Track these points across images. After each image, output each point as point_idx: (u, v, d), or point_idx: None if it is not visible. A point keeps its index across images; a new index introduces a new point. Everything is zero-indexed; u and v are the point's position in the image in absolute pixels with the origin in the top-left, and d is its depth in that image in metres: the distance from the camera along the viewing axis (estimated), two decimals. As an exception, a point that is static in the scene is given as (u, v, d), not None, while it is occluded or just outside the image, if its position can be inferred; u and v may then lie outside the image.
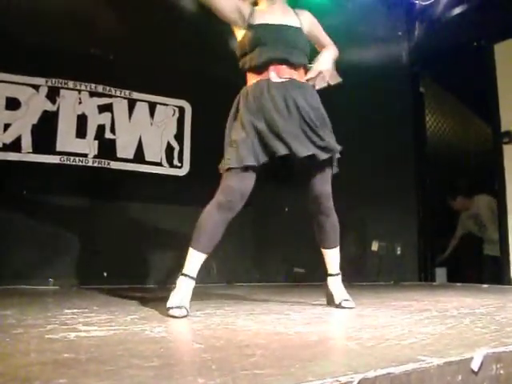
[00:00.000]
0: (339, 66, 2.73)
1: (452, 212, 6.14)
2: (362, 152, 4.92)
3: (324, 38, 2.68)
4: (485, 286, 4.46)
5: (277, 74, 2.39)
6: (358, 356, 1.27)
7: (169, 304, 2.14)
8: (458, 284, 4.85)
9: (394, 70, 5.67)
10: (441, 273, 5.64)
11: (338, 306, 2.50)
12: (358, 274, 4.86)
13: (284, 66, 2.40)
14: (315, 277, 4.72)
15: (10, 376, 1.02)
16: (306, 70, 2.51)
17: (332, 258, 2.60)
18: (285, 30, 2.45)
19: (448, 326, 1.81)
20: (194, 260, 2.37)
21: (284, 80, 2.40)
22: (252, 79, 2.46)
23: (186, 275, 2.31)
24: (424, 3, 5.62)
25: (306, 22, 2.57)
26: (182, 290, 2.23)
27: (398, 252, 5.43)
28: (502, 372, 1.25)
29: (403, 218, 5.47)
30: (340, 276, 2.62)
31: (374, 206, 4.98)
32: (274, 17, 2.47)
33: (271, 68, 2.39)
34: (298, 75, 2.46)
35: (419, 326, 1.82)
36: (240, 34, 2.51)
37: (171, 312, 2.10)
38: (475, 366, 1.20)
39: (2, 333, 1.58)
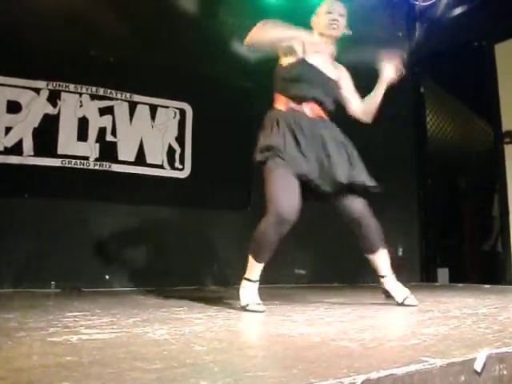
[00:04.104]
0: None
1: (454, 212, 6.13)
2: (363, 153, 4.90)
3: (354, 93, 2.94)
4: (487, 286, 4.46)
5: (311, 111, 2.66)
6: (361, 357, 1.27)
7: (245, 302, 2.43)
8: (460, 284, 4.84)
9: (395, 71, 5.66)
10: (442, 273, 5.63)
11: (401, 304, 2.67)
12: (359, 275, 4.85)
13: (317, 106, 2.69)
14: (316, 278, 4.73)
15: (12, 379, 1.02)
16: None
17: (381, 260, 2.87)
18: (327, 79, 2.74)
19: (450, 327, 1.80)
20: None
21: (315, 117, 2.67)
22: (283, 105, 2.67)
23: (250, 280, 2.53)
24: (424, 4, 5.62)
25: (341, 75, 2.88)
26: (252, 290, 2.49)
27: (400, 253, 5.43)
28: (505, 372, 1.25)
29: (405, 218, 5.46)
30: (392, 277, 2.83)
31: (375, 207, 4.96)
32: (321, 63, 2.74)
33: (307, 104, 2.66)
34: (325, 116, 2.73)
35: (422, 327, 1.82)
36: (290, 58, 2.70)
37: (251, 307, 2.37)
38: (478, 366, 1.19)
39: (4, 336, 1.58)
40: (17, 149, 3.82)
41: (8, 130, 3.81)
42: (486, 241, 5.86)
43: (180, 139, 4.46)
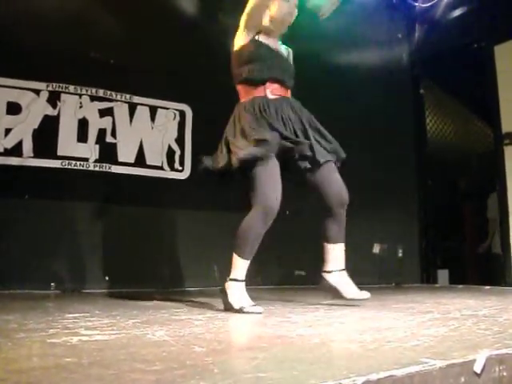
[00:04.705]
0: (340, 67, 2.75)
1: (453, 213, 6.14)
2: (363, 154, 4.92)
3: None
4: (487, 287, 4.46)
5: (271, 92, 2.65)
6: (361, 359, 1.27)
7: (239, 304, 2.38)
8: (460, 286, 4.84)
9: (395, 72, 5.67)
10: (442, 275, 5.63)
11: (351, 299, 2.68)
12: (359, 277, 4.84)
13: (278, 85, 2.68)
14: (316, 279, 4.72)
15: (12, 381, 1.02)
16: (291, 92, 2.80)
17: (342, 252, 2.78)
18: (281, 56, 2.78)
19: (450, 328, 1.80)
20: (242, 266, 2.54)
21: (277, 97, 2.65)
22: (248, 94, 2.69)
23: (237, 280, 2.49)
24: (424, 5, 5.62)
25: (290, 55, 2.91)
26: (241, 292, 2.46)
27: (400, 254, 5.43)
28: (504, 374, 1.25)
29: (404, 220, 5.46)
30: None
31: (376, 209, 4.98)
32: (273, 44, 2.80)
33: (267, 85, 2.66)
34: (287, 94, 2.74)
35: (422, 329, 1.82)
36: (241, 41, 2.73)
37: (249, 310, 2.33)
38: (478, 368, 1.19)
39: (4, 338, 1.58)
40: (17, 150, 3.82)
41: (8, 131, 3.81)
42: (480, 243, 5.87)
43: (180, 140, 4.46)
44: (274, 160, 2.54)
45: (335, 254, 2.74)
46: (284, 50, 2.88)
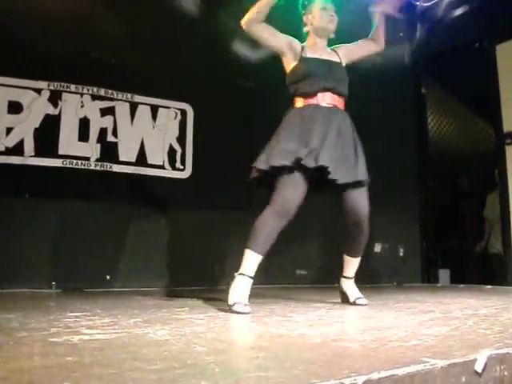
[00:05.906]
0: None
1: (454, 212, 6.14)
2: (364, 152, 4.91)
3: (363, 40, 3.11)
4: (488, 287, 4.45)
5: (323, 100, 2.70)
6: (362, 358, 1.27)
7: (232, 301, 2.33)
8: (461, 285, 4.84)
9: (396, 71, 5.66)
10: (444, 274, 5.63)
11: (353, 303, 2.78)
12: (360, 276, 4.84)
13: (329, 93, 2.72)
14: (318, 279, 4.73)
15: (13, 380, 1.02)
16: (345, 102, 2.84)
17: (354, 264, 2.91)
18: (332, 65, 2.81)
19: (451, 328, 1.80)
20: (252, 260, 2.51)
21: (329, 106, 2.70)
22: (301, 103, 2.74)
23: (244, 274, 2.46)
24: (426, 4, 5.61)
25: (343, 52, 2.92)
26: (243, 288, 2.41)
27: (401, 253, 5.42)
28: (506, 373, 1.25)
29: (406, 219, 5.46)
30: (353, 279, 2.93)
31: (377, 208, 4.94)
32: (321, 53, 2.83)
33: (319, 94, 2.71)
34: (340, 104, 2.78)
35: (423, 328, 1.82)
36: (291, 64, 2.80)
37: (237, 308, 2.29)
38: (479, 367, 1.19)
39: (5, 336, 1.58)
40: (18, 149, 3.82)
41: (9, 130, 3.81)
42: (478, 242, 5.87)
43: (181, 140, 4.46)
44: (298, 170, 2.57)
45: (349, 265, 2.89)
46: (334, 54, 2.89)
